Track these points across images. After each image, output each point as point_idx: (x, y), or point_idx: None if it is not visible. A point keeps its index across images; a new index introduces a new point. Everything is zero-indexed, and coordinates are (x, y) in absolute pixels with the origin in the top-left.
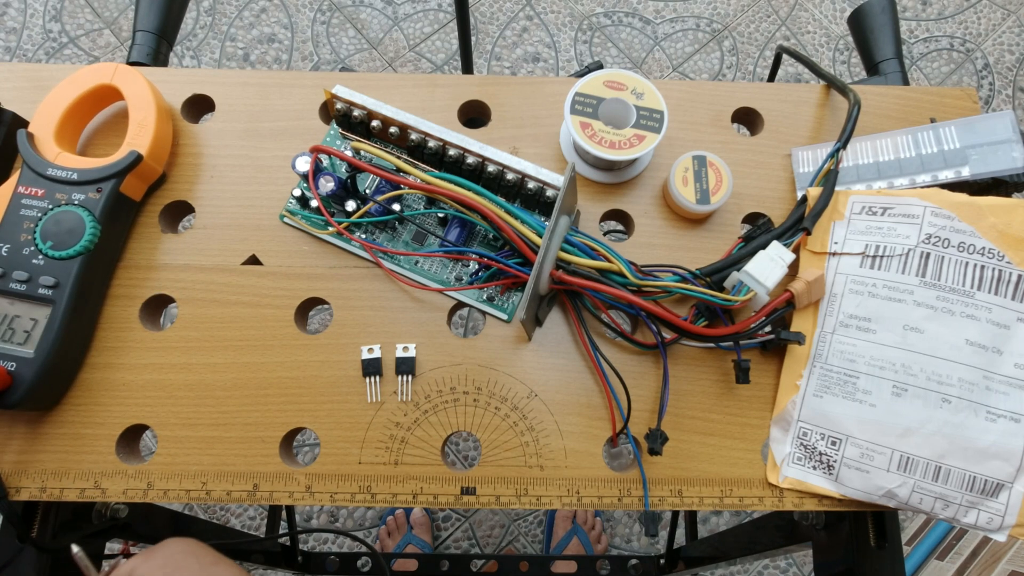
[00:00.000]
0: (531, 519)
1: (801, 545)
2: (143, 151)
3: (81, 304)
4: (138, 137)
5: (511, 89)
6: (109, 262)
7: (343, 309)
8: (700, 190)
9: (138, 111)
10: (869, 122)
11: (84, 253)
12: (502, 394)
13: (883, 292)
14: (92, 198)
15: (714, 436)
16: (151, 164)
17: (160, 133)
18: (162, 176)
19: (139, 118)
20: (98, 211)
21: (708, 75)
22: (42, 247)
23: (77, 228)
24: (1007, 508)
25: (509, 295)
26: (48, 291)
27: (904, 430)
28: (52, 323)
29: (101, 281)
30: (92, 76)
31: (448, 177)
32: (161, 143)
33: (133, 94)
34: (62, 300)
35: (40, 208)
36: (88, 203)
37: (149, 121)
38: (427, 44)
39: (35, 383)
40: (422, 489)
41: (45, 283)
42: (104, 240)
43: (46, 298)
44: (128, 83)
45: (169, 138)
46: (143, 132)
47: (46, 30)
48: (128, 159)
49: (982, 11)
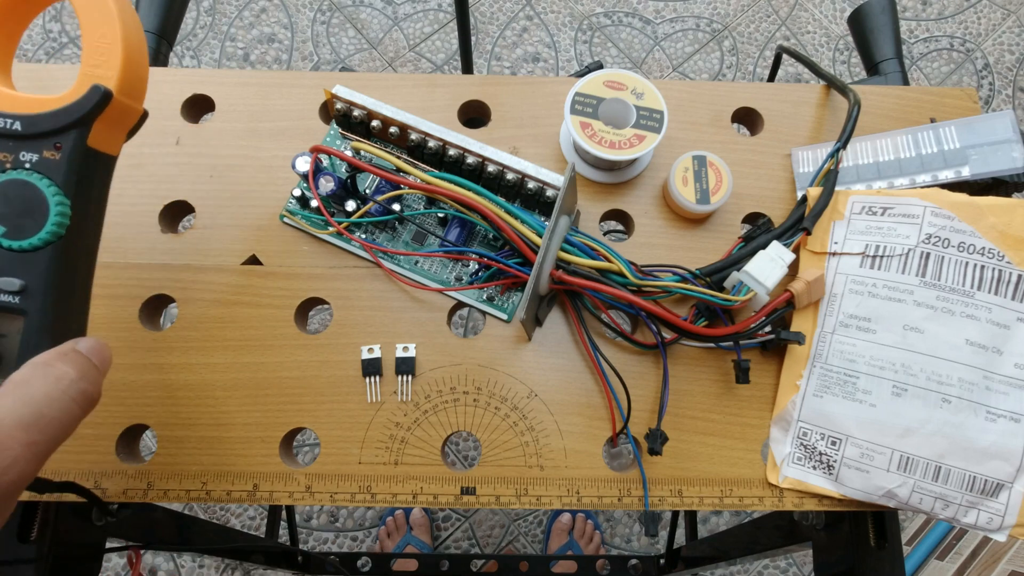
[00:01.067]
0: (531, 519)
1: (801, 545)
2: (111, 84)
3: (63, 310)
4: (100, 64)
5: (511, 89)
6: (91, 246)
7: (343, 309)
8: (700, 190)
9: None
10: (869, 122)
11: (54, 240)
12: (502, 394)
13: (883, 292)
14: (50, 158)
15: (714, 436)
16: (125, 101)
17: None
18: (143, 115)
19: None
20: (61, 177)
21: (708, 75)
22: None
23: (37, 205)
24: (1007, 508)
25: (509, 295)
26: (13, 298)
27: (904, 430)
28: (29, 339)
29: (85, 273)
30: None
31: (448, 177)
32: (135, 66)
33: None
34: (35, 307)
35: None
36: (45, 166)
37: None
38: (427, 44)
39: None
40: (422, 489)
41: (7, 288)
42: (78, 217)
43: (13, 307)
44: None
45: (145, 59)
46: (107, 54)
47: (46, 30)
48: (93, 98)
49: (982, 11)
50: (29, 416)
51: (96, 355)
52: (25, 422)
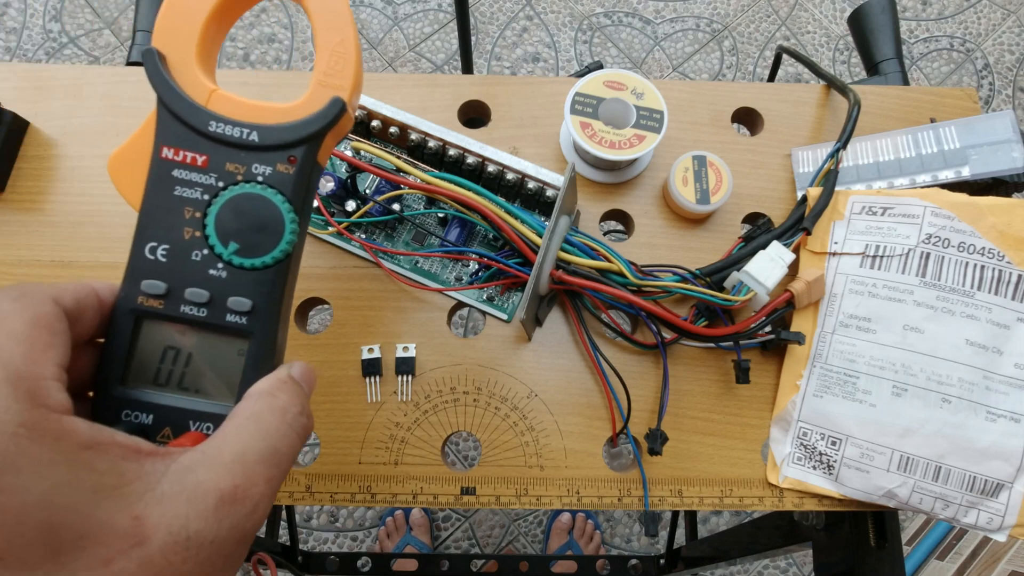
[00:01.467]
0: (531, 519)
1: (801, 545)
2: (344, 95)
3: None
4: (336, 74)
5: (511, 89)
6: (298, 265)
7: (343, 309)
8: (700, 190)
9: (330, 28)
10: (869, 122)
11: (284, 259)
12: (502, 394)
13: (883, 292)
14: (282, 172)
15: (714, 436)
16: (351, 113)
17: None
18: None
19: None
20: (291, 191)
21: (708, 75)
22: (222, 251)
23: (271, 222)
24: (1007, 508)
25: (509, 295)
26: (241, 319)
27: (904, 430)
28: (252, 364)
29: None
30: None
31: (448, 177)
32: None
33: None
34: (260, 328)
35: (204, 186)
36: (278, 180)
37: (348, 46)
38: (427, 44)
39: None
40: (422, 489)
41: (237, 308)
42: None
43: (240, 329)
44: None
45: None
46: (342, 63)
47: (46, 30)
48: (333, 110)
49: (982, 11)
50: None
51: (307, 381)
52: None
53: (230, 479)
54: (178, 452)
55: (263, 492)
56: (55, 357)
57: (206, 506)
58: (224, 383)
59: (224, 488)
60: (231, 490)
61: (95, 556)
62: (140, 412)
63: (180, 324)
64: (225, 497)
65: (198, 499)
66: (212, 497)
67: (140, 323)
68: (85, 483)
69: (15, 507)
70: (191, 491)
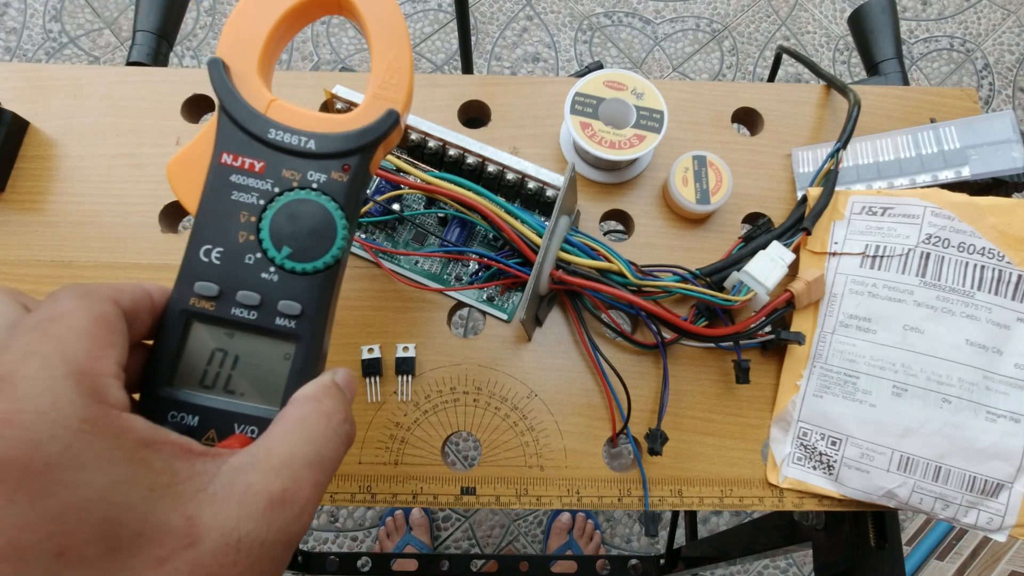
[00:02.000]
0: (531, 519)
1: (801, 545)
2: (399, 107)
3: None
4: (392, 87)
5: (511, 89)
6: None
7: (343, 309)
8: (700, 190)
9: (386, 43)
10: (869, 122)
11: (334, 264)
12: (502, 394)
13: (883, 292)
14: (336, 180)
15: (714, 436)
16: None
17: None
18: None
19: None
20: (344, 198)
21: (708, 75)
22: (275, 255)
23: (324, 228)
24: (1007, 508)
25: (509, 295)
26: (290, 323)
27: (904, 430)
28: (298, 368)
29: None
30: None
31: (448, 177)
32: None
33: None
34: (308, 333)
35: (260, 192)
36: (332, 187)
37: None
38: (427, 44)
39: None
40: (422, 489)
41: (287, 311)
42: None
43: (289, 333)
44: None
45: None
46: (397, 77)
47: (46, 30)
48: (387, 122)
49: (982, 11)
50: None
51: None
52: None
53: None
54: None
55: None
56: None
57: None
58: (270, 387)
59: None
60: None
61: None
62: (186, 413)
63: (230, 326)
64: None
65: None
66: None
67: (190, 324)
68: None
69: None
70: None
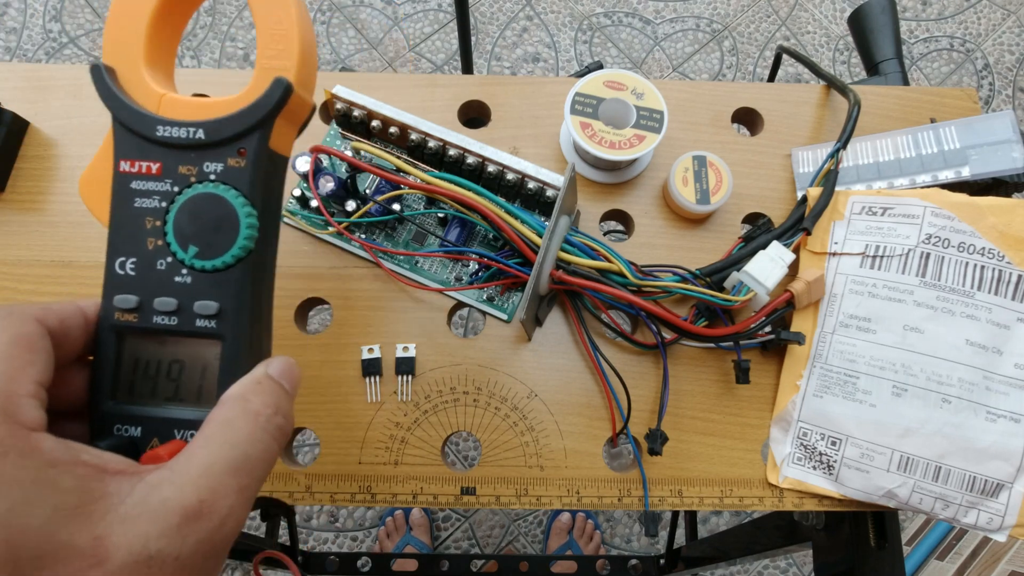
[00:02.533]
0: (531, 519)
1: (801, 545)
2: (290, 75)
3: (256, 330)
4: (278, 54)
5: (511, 89)
6: (273, 258)
7: (343, 309)
8: (700, 190)
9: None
10: (869, 122)
11: (245, 256)
12: (502, 394)
13: (883, 292)
14: (235, 166)
15: (714, 436)
16: (302, 94)
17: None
18: (313, 109)
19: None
20: (247, 186)
21: (708, 75)
22: (184, 256)
23: (226, 220)
24: (1007, 508)
25: (509, 295)
26: (209, 323)
27: (904, 430)
28: (228, 367)
29: (269, 288)
30: None
31: (448, 177)
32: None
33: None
34: (231, 331)
35: (161, 193)
36: (231, 175)
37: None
38: (427, 44)
39: None
40: (422, 489)
41: (204, 312)
42: (264, 228)
43: (211, 332)
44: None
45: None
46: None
47: (46, 30)
48: (276, 92)
49: (982, 11)
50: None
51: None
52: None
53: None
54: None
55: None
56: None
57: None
58: (206, 390)
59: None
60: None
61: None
62: (130, 425)
63: (156, 335)
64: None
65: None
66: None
67: (123, 338)
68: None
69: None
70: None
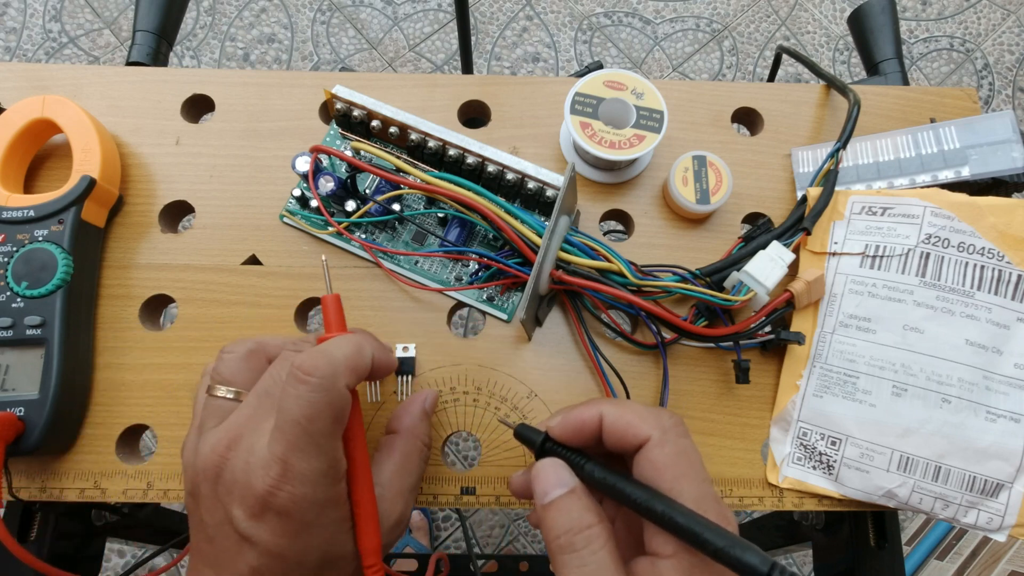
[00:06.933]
0: None
1: (801, 545)
2: (94, 174)
3: (73, 335)
4: (85, 162)
5: (511, 89)
6: (89, 292)
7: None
8: (700, 190)
9: (79, 137)
10: (869, 122)
11: (63, 285)
12: (502, 394)
13: (883, 292)
14: (56, 231)
15: (714, 436)
16: (106, 187)
17: (108, 154)
18: (119, 199)
19: (81, 144)
20: (65, 242)
21: (708, 75)
22: (17, 289)
23: (49, 262)
24: (1007, 508)
25: (509, 295)
26: (36, 331)
27: (904, 430)
28: (50, 360)
29: (87, 310)
30: (22, 113)
31: (448, 177)
32: (111, 164)
33: (69, 122)
34: (53, 336)
35: (4, 253)
36: (53, 236)
37: (92, 145)
38: (427, 44)
39: (50, 421)
40: (422, 489)
41: (31, 323)
42: (80, 270)
43: (36, 338)
44: (61, 113)
45: (117, 159)
46: (89, 156)
47: (46, 30)
48: (82, 184)
49: (982, 11)
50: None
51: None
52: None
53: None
54: None
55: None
56: None
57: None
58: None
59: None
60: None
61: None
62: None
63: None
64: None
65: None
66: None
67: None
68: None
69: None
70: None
